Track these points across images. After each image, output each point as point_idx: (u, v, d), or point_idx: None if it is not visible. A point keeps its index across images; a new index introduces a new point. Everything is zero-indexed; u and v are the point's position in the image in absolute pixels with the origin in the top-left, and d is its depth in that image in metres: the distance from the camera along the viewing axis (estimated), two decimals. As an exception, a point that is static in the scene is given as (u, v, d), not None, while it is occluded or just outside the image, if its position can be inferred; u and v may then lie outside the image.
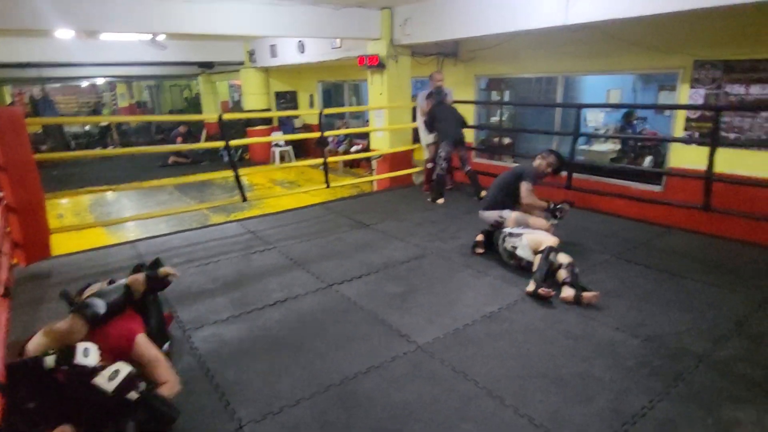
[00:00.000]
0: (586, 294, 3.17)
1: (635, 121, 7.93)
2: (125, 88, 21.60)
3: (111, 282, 2.43)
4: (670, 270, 3.69)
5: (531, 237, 3.62)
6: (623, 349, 2.68)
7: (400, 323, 3.00)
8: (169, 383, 2.18)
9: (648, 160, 6.97)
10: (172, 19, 5.58)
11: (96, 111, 20.79)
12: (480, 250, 4.08)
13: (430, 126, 6.08)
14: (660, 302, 3.20)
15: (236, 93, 16.27)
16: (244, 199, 5.36)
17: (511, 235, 3.73)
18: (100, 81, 18.49)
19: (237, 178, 5.31)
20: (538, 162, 4.17)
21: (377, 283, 3.58)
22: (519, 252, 3.61)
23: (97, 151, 12.67)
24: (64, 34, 8.26)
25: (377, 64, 7.14)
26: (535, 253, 3.54)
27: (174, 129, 14.41)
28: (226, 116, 5.61)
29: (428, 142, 6.40)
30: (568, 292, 3.22)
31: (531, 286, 3.30)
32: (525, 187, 3.99)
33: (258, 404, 2.29)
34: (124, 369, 1.87)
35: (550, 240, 3.53)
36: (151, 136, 16.75)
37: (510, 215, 4.03)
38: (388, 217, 5.26)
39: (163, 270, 2.49)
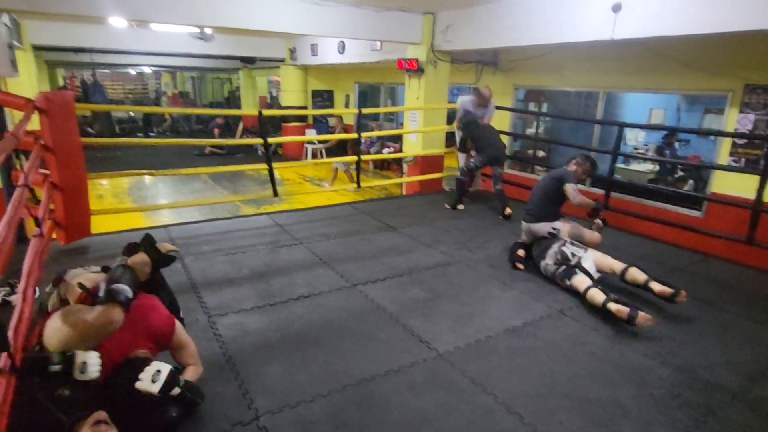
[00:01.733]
0: (682, 292, 3.13)
1: (677, 143, 7.68)
2: (170, 78, 22.31)
3: (105, 268, 2.23)
4: (707, 300, 3.54)
5: (600, 258, 3.53)
6: (652, 377, 2.58)
7: (421, 329, 2.98)
8: (195, 366, 2.24)
9: (689, 184, 6.74)
10: (220, 13, 5.73)
11: (142, 99, 21.52)
12: (521, 266, 3.95)
13: (463, 145, 5.97)
14: (694, 332, 3.08)
15: (274, 89, 16.56)
16: (276, 194, 5.43)
17: (573, 244, 3.66)
18: (147, 70, 19.12)
19: (271, 172, 5.40)
20: (573, 168, 4.06)
21: (401, 287, 3.57)
22: (584, 263, 3.48)
23: (140, 140, 13.05)
24: (117, 22, 8.60)
25: (416, 69, 7.15)
26: (600, 272, 3.48)
27: (212, 120, 14.81)
28: (266, 112, 5.70)
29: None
30: (660, 287, 3.20)
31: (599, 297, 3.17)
32: (572, 188, 3.86)
33: (275, 396, 2.31)
34: (164, 368, 1.85)
35: (619, 266, 3.44)
36: (191, 125, 17.22)
37: (564, 227, 3.89)
38: (416, 221, 5.24)
39: (164, 246, 2.26)
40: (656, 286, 3.24)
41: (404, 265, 3.99)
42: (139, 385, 1.80)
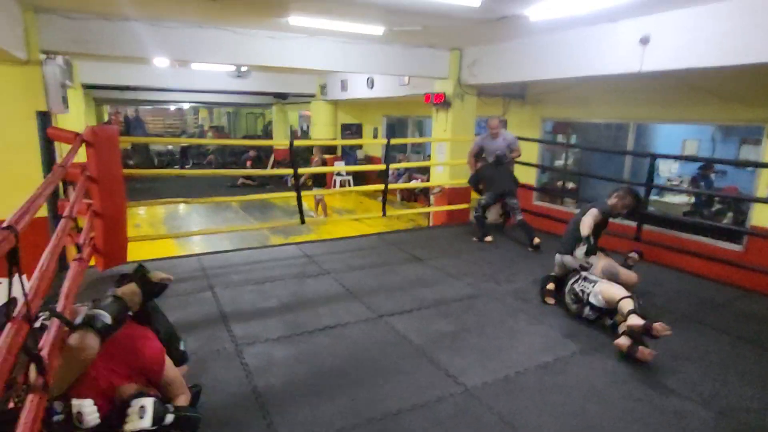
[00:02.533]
0: (642, 349, 2.91)
1: (713, 174, 7.46)
2: (207, 113, 23.36)
3: (95, 301, 2.12)
4: (749, 338, 3.36)
5: (605, 287, 3.35)
6: (693, 421, 2.44)
7: (448, 363, 2.92)
8: (184, 395, 2.14)
9: (727, 217, 6.50)
10: (255, 53, 6.04)
11: (180, 133, 22.54)
12: (551, 300, 3.85)
13: (475, 184, 6.01)
14: (736, 373, 2.91)
15: (305, 123, 17.08)
16: (303, 222, 5.53)
17: (586, 279, 3.53)
18: (185, 105, 20.09)
19: (299, 200, 5.52)
20: (613, 202, 3.93)
21: (428, 319, 3.53)
22: (591, 299, 3.38)
23: (176, 170, 13.57)
24: (160, 62, 9.14)
25: (443, 102, 7.28)
26: (609, 305, 3.31)
27: (245, 153, 15.33)
28: (297, 143, 5.89)
29: None
30: (634, 321, 2.96)
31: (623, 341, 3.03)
32: (588, 218, 3.73)
33: (299, 428, 2.29)
34: (147, 402, 1.79)
35: (621, 293, 3.22)
36: (225, 158, 17.86)
37: (597, 262, 3.72)
38: (443, 253, 5.22)
39: (155, 274, 2.21)
40: (630, 320, 2.97)
41: (431, 297, 3.96)
42: (129, 426, 1.73)
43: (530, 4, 4.38)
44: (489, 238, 5.62)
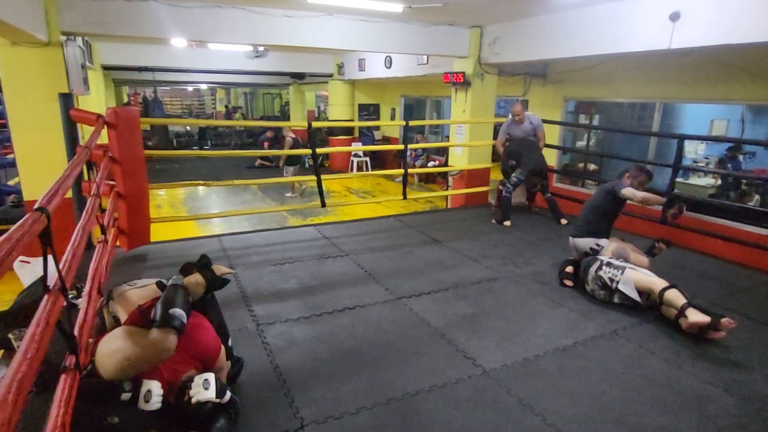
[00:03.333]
0: (723, 321, 2.87)
1: (741, 156, 7.22)
2: (224, 94, 23.42)
3: (159, 284, 2.24)
4: (777, 324, 3.29)
5: (638, 276, 3.29)
6: (715, 405, 2.42)
7: (467, 345, 2.93)
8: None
9: (755, 200, 6.30)
10: (273, 32, 5.99)
11: (198, 114, 22.69)
12: (569, 283, 3.83)
13: (508, 160, 5.88)
14: (761, 359, 2.86)
15: (322, 103, 17.01)
16: (323, 205, 5.55)
17: (609, 264, 3.47)
18: (203, 86, 20.15)
19: (319, 183, 5.53)
20: (627, 181, 3.86)
21: (446, 302, 3.54)
22: (621, 287, 3.33)
23: (195, 152, 13.70)
24: (178, 42, 9.14)
25: (462, 82, 7.14)
26: (640, 292, 3.28)
27: (262, 134, 15.37)
28: (315, 124, 5.88)
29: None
30: (697, 317, 2.91)
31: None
32: (629, 190, 3.69)
33: (320, 406, 2.34)
34: (209, 376, 1.87)
35: (660, 283, 3.18)
36: (242, 139, 17.94)
37: (608, 245, 3.73)
38: (462, 235, 5.19)
39: (219, 269, 2.30)
40: (692, 316, 2.92)
41: (449, 279, 3.96)
42: (197, 397, 1.80)
43: (555, -22, 4.23)
44: (508, 223, 5.57)
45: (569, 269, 3.90)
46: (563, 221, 5.51)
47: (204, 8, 5.51)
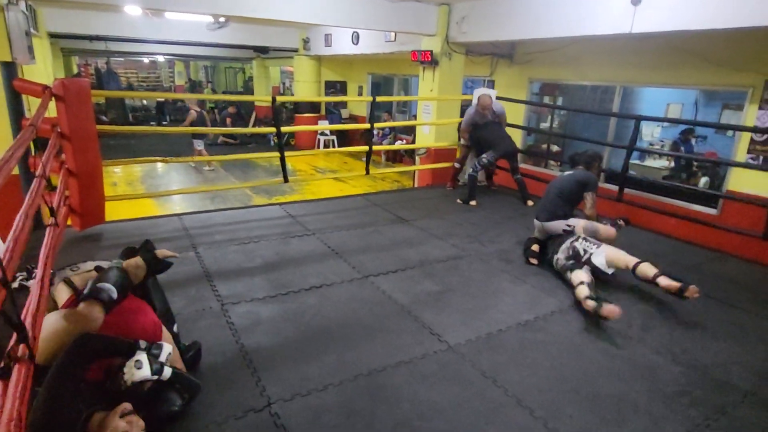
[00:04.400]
0: (691, 288, 3.04)
1: (693, 139, 7.56)
2: (183, 67, 22.42)
3: (98, 268, 2.18)
4: (721, 298, 3.50)
5: (612, 252, 3.44)
6: (664, 374, 2.57)
7: (432, 321, 2.99)
8: (179, 367, 2.11)
9: (704, 181, 6.64)
10: (233, 2, 5.72)
11: (155, 87, 21.66)
12: (535, 261, 3.92)
13: (478, 145, 5.89)
14: (707, 330, 3.05)
15: (287, 79, 16.57)
16: (286, 180, 5.46)
17: (586, 240, 3.59)
18: (160, 59, 19.21)
19: (282, 160, 5.43)
20: (594, 172, 4.04)
21: (413, 279, 3.58)
22: (594, 259, 3.45)
23: (153, 128, 13.09)
24: (132, 10, 8.64)
25: (430, 61, 7.10)
26: (612, 267, 3.41)
27: (224, 109, 14.88)
28: (280, 99, 5.72)
29: (462, 143, 6.27)
30: (667, 282, 3.12)
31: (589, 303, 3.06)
32: (592, 199, 3.88)
33: (287, 384, 2.34)
34: (142, 356, 1.79)
35: (632, 260, 3.35)
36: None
37: (578, 223, 3.84)
38: (428, 214, 5.24)
39: (161, 252, 2.23)
40: (663, 281, 3.17)
41: (416, 257, 3.99)
42: (130, 378, 1.73)
43: (523, -43, 4.22)
44: (474, 203, 5.64)
45: (535, 247, 4.00)
46: (530, 202, 5.64)
47: (159, -27, 5.22)
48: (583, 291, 3.16)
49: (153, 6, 5.71)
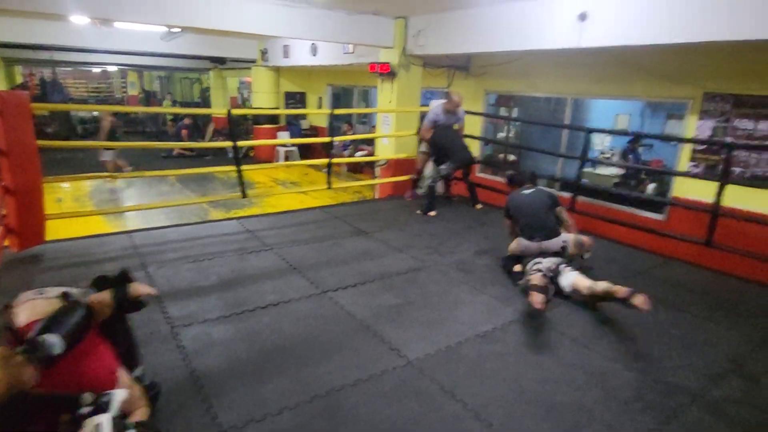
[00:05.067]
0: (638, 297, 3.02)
1: (641, 148, 7.93)
2: (136, 77, 21.68)
3: (65, 294, 1.90)
4: (669, 302, 3.64)
5: (579, 280, 3.45)
6: (617, 380, 2.63)
7: (392, 336, 2.95)
8: (142, 408, 1.93)
9: (651, 187, 6.95)
10: (186, 13, 5.58)
11: (107, 98, 20.82)
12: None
13: (436, 152, 5.88)
14: (656, 335, 3.16)
15: (246, 90, 16.29)
16: (244, 195, 5.33)
17: (568, 266, 3.62)
18: (111, 68, 18.52)
19: (239, 174, 5.29)
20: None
21: (372, 293, 3.54)
22: (561, 280, 3.51)
23: (97, 142, 12.33)
24: (78, 19, 8.27)
25: (388, 72, 7.14)
26: (576, 291, 3.45)
27: (180, 121, 14.44)
28: (235, 111, 5.59)
29: (424, 151, 6.26)
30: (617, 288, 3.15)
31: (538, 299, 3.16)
32: (566, 212, 4.04)
33: (241, 410, 2.24)
34: (103, 419, 1.59)
35: (590, 283, 3.39)
36: (158, 126, 16.75)
37: (569, 238, 3.82)
38: (388, 226, 5.22)
39: (136, 288, 2.01)
40: (618, 291, 3.16)
41: (375, 270, 3.96)
42: None
43: (474, -27, 4.31)
44: (433, 213, 5.68)
45: (517, 268, 3.90)
46: (478, 206, 5.80)
47: (106, -18, 5.01)
48: (536, 280, 3.29)
49: (98, 15, 5.46)
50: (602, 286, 3.29)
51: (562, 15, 5.01)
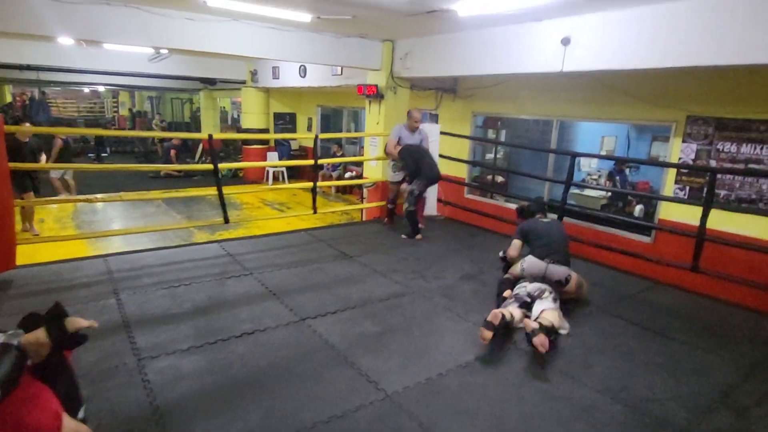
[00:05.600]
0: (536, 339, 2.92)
1: (627, 169, 7.96)
2: (128, 97, 21.67)
3: None
4: (655, 328, 3.56)
5: (549, 314, 3.28)
6: (603, 414, 2.52)
7: (370, 367, 2.83)
8: None
9: (638, 209, 6.94)
10: (174, 35, 5.58)
11: (97, 118, 20.71)
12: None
13: (409, 166, 5.76)
14: (643, 363, 3.06)
15: (237, 110, 16.30)
16: (227, 221, 5.22)
17: (551, 293, 3.50)
18: (101, 88, 18.49)
19: (221, 197, 5.19)
20: None
21: (352, 321, 3.43)
22: (536, 304, 3.40)
23: (82, 164, 12.09)
24: (65, 40, 8.25)
25: (375, 94, 7.16)
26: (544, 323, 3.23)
27: (168, 141, 14.38)
28: (217, 136, 5.52)
29: (394, 180, 6.19)
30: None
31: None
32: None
33: (205, 451, 2.11)
34: None
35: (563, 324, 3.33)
36: (147, 145, 16.66)
37: (575, 275, 3.76)
38: (373, 249, 5.13)
39: (72, 322, 1.76)
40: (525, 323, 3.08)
41: (357, 296, 3.86)
42: None
43: (457, -1, 4.33)
44: (419, 237, 5.59)
45: (507, 293, 3.71)
46: (419, 237, 5.61)
47: (91, 5, 4.98)
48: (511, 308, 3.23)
49: (84, 37, 5.40)
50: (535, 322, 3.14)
51: (545, 39, 5.05)
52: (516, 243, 4.07)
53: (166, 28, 5.48)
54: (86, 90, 19.82)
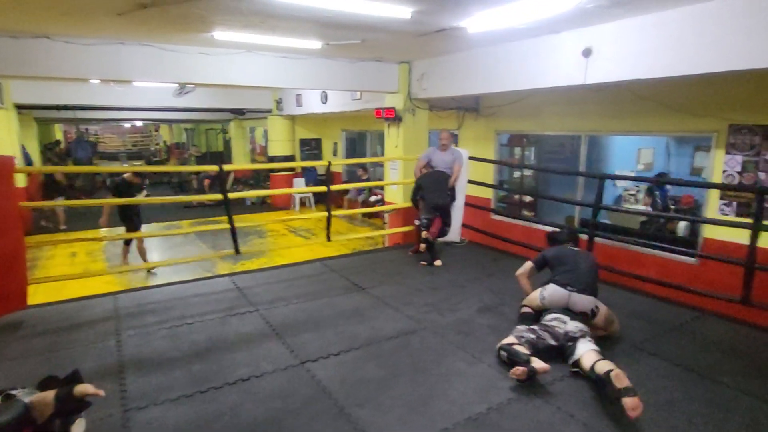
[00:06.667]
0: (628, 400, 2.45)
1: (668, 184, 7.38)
2: (167, 130, 22.63)
3: (6, 396, 1.86)
4: (701, 370, 3.11)
5: (594, 357, 2.89)
6: (633, 482, 2.15)
7: (367, 421, 2.56)
8: None
9: (682, 226, 6.38)
10: (189, 70, 5.68)
11: (140, 151, 21.69)
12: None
13: (415, 194, 5.64)
14: (686, 415, 2.63)
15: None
16: (237, 252, 5.12)
17: (585, 336, 3.12)
18: (139, 123, 19.37)
19: (232, 228, 5.13)
20: None
21: (355, 364, 3.17)
22: (573, 349, 3.04)
23: (106, 200, 12.52)
24: (94, 79, 8.62)
25: (394, 117, 7.01)
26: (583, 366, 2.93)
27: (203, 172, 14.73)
28: (227, 167, 5.50)
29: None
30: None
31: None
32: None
33: None
34: None
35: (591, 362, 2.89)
36: (182, 176, 17.16)
37: (602, 308, 3.38)
38: (388, 279, 4.88)
39: (80, 389, 1.98)
40: (614, 376, 2.59)
41: (364, 334, 3.60)
42: None
43: (465, 16, 4.13)
44: (438, 262, 5.32)
45: (527, 309, 3.55)
46: (438, 262, 5.37)
47: (105, 45, 5.12)
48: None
49: (103, 76, 5.55)
50: (602, 366, 2.73)
51: (565, 52, 4.76)
52: (526, 264, 3.78)
53: (182, 63, 5.58)
54: (127, 125, 20.82)
